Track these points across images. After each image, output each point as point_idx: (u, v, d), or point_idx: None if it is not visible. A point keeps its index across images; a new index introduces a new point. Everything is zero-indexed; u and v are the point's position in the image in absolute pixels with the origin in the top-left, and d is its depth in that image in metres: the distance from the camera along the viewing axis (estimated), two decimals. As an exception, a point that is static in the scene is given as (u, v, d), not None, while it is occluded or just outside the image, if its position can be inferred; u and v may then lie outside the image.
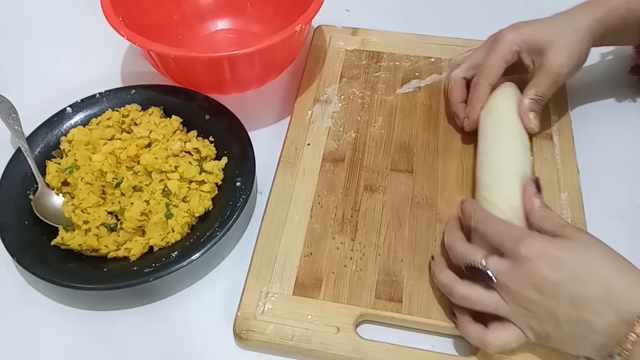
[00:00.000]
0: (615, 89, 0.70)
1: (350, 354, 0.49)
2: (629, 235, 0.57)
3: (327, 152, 0.63)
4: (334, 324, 0.50)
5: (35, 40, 0.79)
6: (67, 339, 0.52)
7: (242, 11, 0.77)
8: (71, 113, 0.64)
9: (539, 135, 0.63)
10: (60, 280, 0.51)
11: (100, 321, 0.53)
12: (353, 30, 0.75)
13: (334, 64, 0.72)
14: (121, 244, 0.55)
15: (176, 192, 0.57)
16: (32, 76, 0.75)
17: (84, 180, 0.57)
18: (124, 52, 0.76)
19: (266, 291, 0.52)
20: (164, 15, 0.73)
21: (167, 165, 0.58)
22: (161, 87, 0.66)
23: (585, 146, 0.63)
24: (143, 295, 0.54)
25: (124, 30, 0.60)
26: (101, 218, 0.55)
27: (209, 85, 0.65)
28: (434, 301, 0.51)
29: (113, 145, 0.60)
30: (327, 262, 0.54)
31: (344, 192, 0.59)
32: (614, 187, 0.61)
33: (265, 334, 0.50)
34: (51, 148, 0.62)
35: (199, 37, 0.76)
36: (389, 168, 0.61)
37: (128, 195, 0.57)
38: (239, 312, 0.51)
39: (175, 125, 0.63)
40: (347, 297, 0.52)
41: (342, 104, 0.67)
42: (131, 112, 0.63)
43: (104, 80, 0.70)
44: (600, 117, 0.67)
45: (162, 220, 0.55)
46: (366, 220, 0.57)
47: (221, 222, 0.55)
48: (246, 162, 0.59)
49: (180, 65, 0.63)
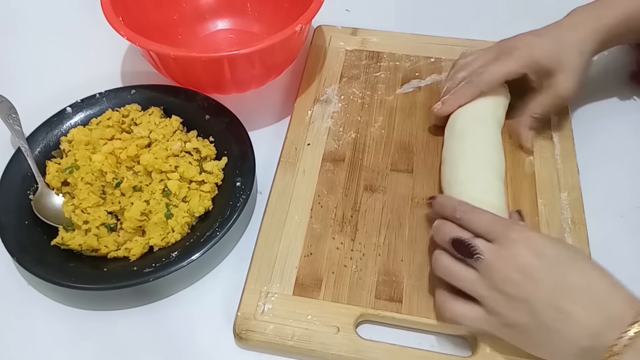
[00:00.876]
0: (615, 88, 0.70)
1: (350, 354, 0.49)
2: (629, 235, 0.57)
3: (327, 152, 0.63)
4: (334, 324, 0.50)
5: (35, 40, 0.79)
6: (67, 339, 0.52)
7: (242, 11, 0.76)
8: (71, 113, 0.64)
9: (539, 135, 0.63)
10: (60, 281, 0.51)
11: (100, 321, 0.53)
12: (353, 30, 0.75)
13: (334, 64, 0.72)
14: (121, 244, 0.55)
15: (176, 192, 0.57)
16: (32, 76, 0.75)
17: (84, 180, 0.57)
18: (124, 52, 0.76)
19: (266, 291, 0.52)
20: (164, 15, 0.73)
21: (167, 165, 0.58)
22: (161, 87, 0.66)
23: (585, 146, 0.63)
24: (143, 295, 0.54)
25: (124, 30, 0.60)
26: (101, 218, 0.55)
27: (209, 85, 0.65)
28: (434, 301, 0.51)
29: (113, 145, 0.60)
30: (327, 262, 0.54)
31: (344, 192, 0.59)
32: (614, 186, 0.61)
33: (265, 334, 0.50)
34: (51, 148, 0.62)
35: (199, 37, 0.76)
36: (389, 168, 0.61)
37: (128, 195, 0.57)
38: (239, 312, 0.51)
39: (175, 125, 0.63)
40: (347, 297, 0.52)
41: (342, 104, 0.67)
42: (131, 112, 0.63)
43: (104, 80, 0.70)
44: (600, 117, 0.67)
45: (162, 220, 0.55)
46: (366, 220, 0.57)
47: (221, 222, 0.55)
48: (246, 162, 0.59)
49: (180, 65, 0.63)
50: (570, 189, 0.59)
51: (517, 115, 0.62)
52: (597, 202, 0.58)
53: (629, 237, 0.57)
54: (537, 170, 0.60)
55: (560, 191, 0.59)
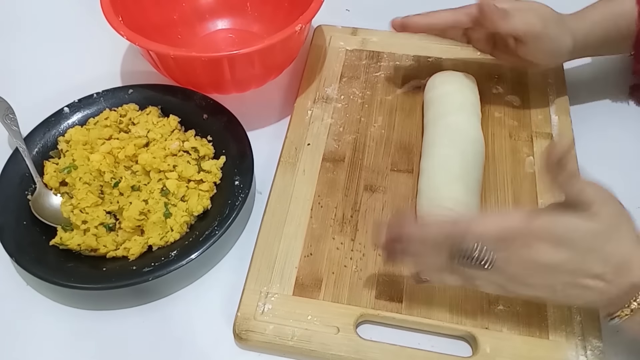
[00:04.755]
0: (616, 89, 0.70)
1: (350, 354, 0.48)
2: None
3: (327, 152, 0.63)
4: (334, 325, 0.50)
5: (33, 40, 0.79)
6: (66, 338, 0.52)
7: (242, 11, 0.76)
8: (69, 113, 0.64)
9: (539, 135, 0.63)
10: (59, 280, 0.51)
11: (99, 321, 0.53)
12: (353, 30, 0.75)
13: (334, 64, 0.71)
14: (120, 244, 0.55)
15: (175, 192, 0.57)
16: (29, 76, 0.75)
17: (82, 180, 0.57)
18: (123, 52, 0.76)
19: (266, 291, 0.52)
20: (163, 15, 0.73)
21: (166, 165, 0.58)
22: (158, 86, 0.66)
23: (585, 146, 0.63)
24: (142, 295, 0.54)
25: (124, 30, 0.60)
26: (100, 218, 0.55)
27: (209, 85, 0.65)
28: (434, 301, 0.51)
29: (111, 145, 0.60)
30: (327, 262, 0.54)
31: (344, 192, 0.59)
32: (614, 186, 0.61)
33: (265, 335, 0.50)
34: (49, 148, 0.62)
35: (198, 37, 0.76)
36: (389, 168, 0.61)
37: (126, 195, 0.57)
38: (239, 312, 0.51)
39: (173, 124, 0.63)
40: (347, 298, 0.52)
41: (342, 104, 0.67)
42: (129, 112, 0.63)
43: (102, 80, 0.70)
44: (600, 118, 0.67)
45: (161, 219, 0.55)
46: (366, 220, 0.57)
47: (220, 221, 0.54)
48: (244, 161, 0.59)
49: (180, 65, 0.63)
50: (570, 188, 0.58)
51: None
52: (597, 202, 0.58)
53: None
54: (538, 170, 0.60)
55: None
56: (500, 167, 0.61)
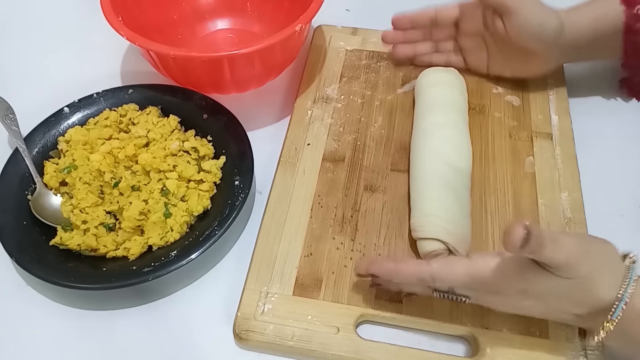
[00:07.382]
0: (616, 88, 0.70)
1: (350, 354, 0.48)
2: (630, 235, 0.56)
3: (327, 152, 0.63)
4: (334, 325, 0.50)
5: (33, 40, 0.79)
6: (67, 339, 0.52)
7: (242, 11, 0.76)
8: (69, 113, 0.64)
9: (539, 135, 0.63)
10: (59, 280, 0.51)
11: (99, 321, 0.52)
12: (353, 30, 0.75)
13: (334, 64, 0.71)
14: (120, 244, 0.54)
15: (175, 192, 0.57)
16: (29, 76, 0.75)
17: (82, 180, 0.57)
18: (123, 52, 0.76)
19: (266, 291, 0.52)
20: (163, 15, 0.73)
21: (166, 165, 0.58)
22: (158, 86, 0.66)
23: (585, 146, 0.63)
24: (142, 295, 0.54)
25: (124, 30, 0.60)
26: (100, 218, 0.55)
27: (209, 85, 0.65)
28: (434, 301, 0.51)
29: (111, 145, 0.60)
30: (327, 262, 0.54)
31: (344, 192, 0.59)
32: (615, 186, 0.61)
33: (265, 335, 0.50)
34: (49, 148, 0.62)
35: (198, 37, 0.76)
36: (389, 168, 0.61)
37: (126, 195, 0.57)
38: (239, 312, 0.51)
39: (173, 124, 0.63)
40: (347, 298, 0.52)
41: (342, 104, 0.67)
42: (129, 112, 0.63)
43: (102, 80, 0.70)
44: (600, 117, 0.67)
45: (161, 219, 0.55)
46: (366, 220, 0.57)
47: (220, 221, 0.54)
48: (244, 161, 0.59)
49: (180, 65, 0.63)
50: (570, 189, 0.59)
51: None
52: (597, 201, 0.58)
53: (630, 237, 0.56)
54: (538, 170, 0.60)
55: (561, 191, 0.58)
56: (500, 167, 0.61)
